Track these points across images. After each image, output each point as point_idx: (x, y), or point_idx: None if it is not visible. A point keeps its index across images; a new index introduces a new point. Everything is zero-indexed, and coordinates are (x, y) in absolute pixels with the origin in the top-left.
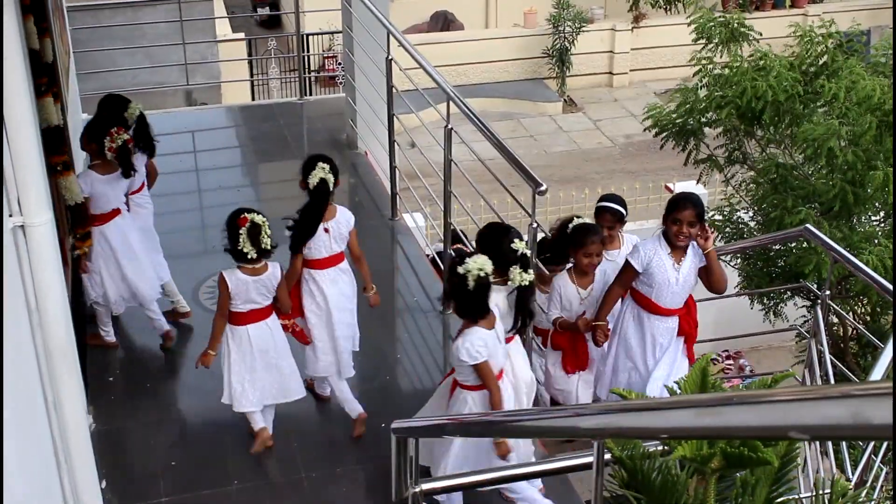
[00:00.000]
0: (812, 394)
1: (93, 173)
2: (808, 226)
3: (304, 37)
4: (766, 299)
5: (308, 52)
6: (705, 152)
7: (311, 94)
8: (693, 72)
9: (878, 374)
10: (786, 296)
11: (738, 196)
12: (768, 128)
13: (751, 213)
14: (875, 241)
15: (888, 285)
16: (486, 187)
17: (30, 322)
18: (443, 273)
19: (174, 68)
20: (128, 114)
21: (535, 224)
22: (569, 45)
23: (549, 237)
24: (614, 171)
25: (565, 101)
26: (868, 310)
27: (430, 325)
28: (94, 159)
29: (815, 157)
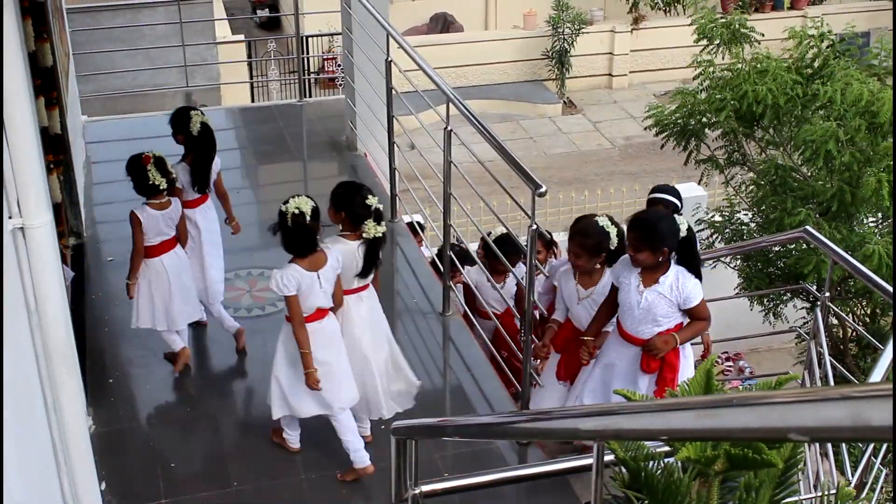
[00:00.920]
0: (812, 395)
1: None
2: (807, 227)
3: (304, 38)
4: (765, 301)
5: (308, 53)
6: (706, 153)
7: (310, 96)
8: (693, 74)
9: (877, 376)
10: (786, 297)
11: (738, 197)
12: (767, 129)
13: (750, 215)
14: (873, 242)
15: (888, 286)
16: (486, 189)
17: (29, 323)
18: (442, 275)
19: (174, 70)
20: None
21: (535, 226)
22: (568, 46)
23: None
24: (614, 172)
25: (565, 102)
26: (868, 311)
27: (429, 326)
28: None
29: (814, 159)
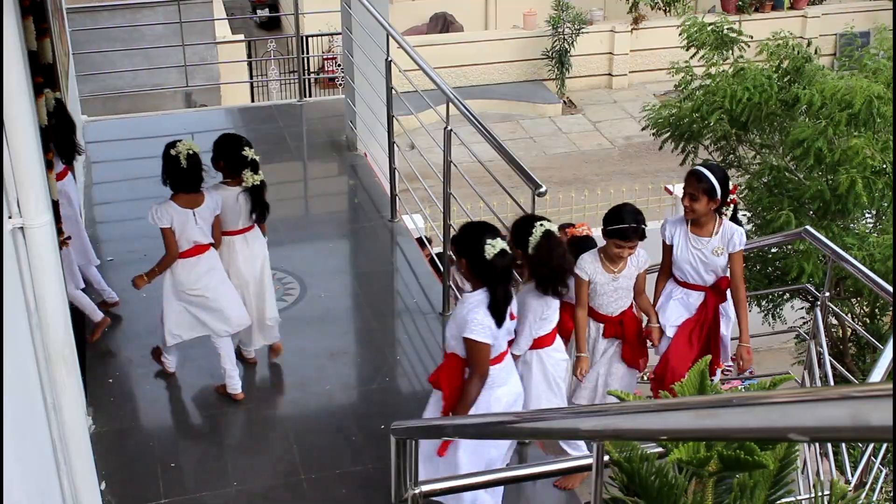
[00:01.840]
0: (811, 395)
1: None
2: (807, 227)
3: (304, 38)
4: (764, 301)
5: (307, 53)
6: (703, 156)
7: (310, 96)
8: (675, 82)
9: (877, 376)
10: (784, 297)
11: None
12: (754, 130)
13: (747, 216)
14: (866, 240)
15: (887, 286)
16: (486, 189)
17: (29, 323)
18: (442, 275)
19: (173, 70)
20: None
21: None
22: (568, 46)
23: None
24: (613, 172)
25: (565, 102)
26: (867, 311)
27: (429, 326)
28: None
29: (804, 157)
